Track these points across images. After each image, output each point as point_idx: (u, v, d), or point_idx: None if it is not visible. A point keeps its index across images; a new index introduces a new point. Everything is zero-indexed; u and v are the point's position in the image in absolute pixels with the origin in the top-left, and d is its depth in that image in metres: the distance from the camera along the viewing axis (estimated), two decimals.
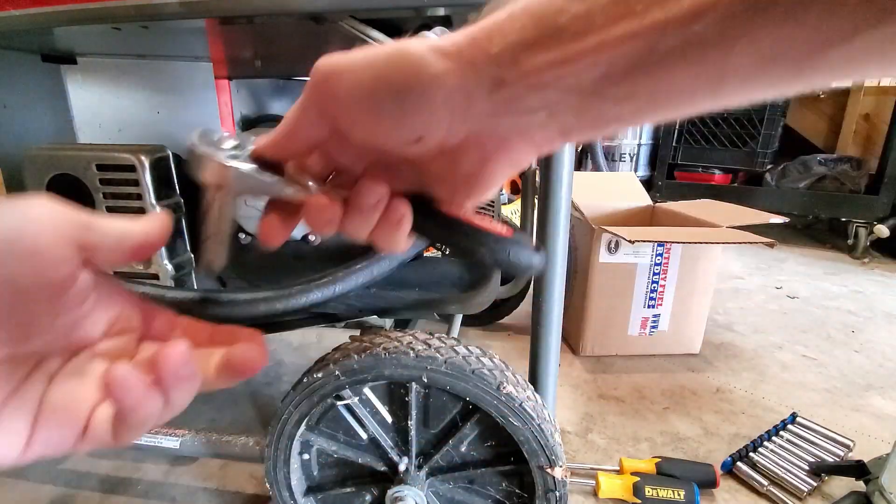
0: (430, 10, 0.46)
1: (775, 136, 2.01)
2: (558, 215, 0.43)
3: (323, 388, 0.47)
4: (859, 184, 1.83)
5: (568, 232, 0.44)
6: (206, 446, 0.60)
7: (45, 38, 0.58)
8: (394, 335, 0.49)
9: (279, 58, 0.85)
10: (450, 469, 0.51)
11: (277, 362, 1.02)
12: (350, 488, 0.54)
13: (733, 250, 1.90)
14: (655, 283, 1.00)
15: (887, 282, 1.58)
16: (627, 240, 0.84)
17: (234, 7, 0.43)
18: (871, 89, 2.03)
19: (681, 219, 1.10)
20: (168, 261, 0.61)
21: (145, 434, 0.61)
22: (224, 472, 0.71)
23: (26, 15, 0.48)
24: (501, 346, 1.10)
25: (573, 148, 0.43)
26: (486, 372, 0.44)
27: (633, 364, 1.03)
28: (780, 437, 0.76)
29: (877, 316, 1.31)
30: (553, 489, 0.45)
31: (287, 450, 0.51)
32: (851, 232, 1.84)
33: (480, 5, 0.43)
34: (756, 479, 0.68)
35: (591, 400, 0.90)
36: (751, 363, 1.04)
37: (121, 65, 0.75)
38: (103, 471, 0.71)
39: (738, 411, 0.87)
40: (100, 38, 0.60)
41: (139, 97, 0.80)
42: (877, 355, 1.08)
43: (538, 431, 0.44)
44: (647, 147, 2.54)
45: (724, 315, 1.30)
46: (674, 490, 0.64)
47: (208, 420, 0.83)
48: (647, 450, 0.77)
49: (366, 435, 0.51)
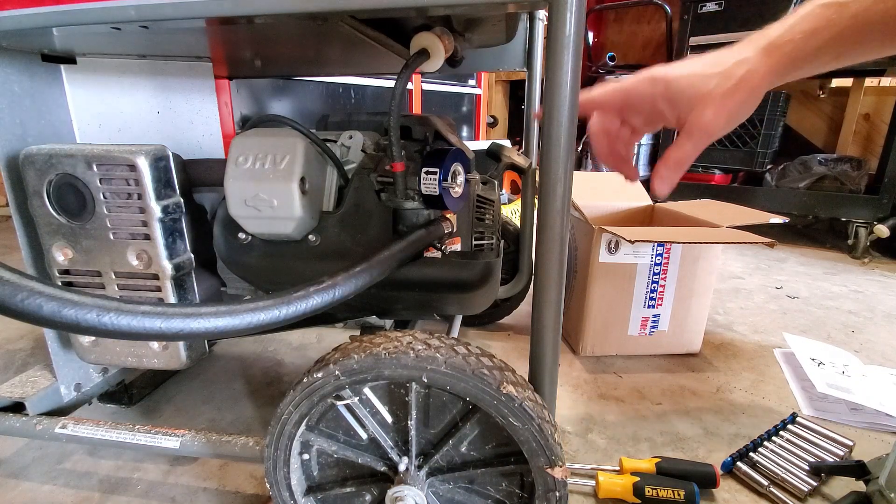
0: (431, 10, 0.46)
1: (775, 136, 2.01)
2: (558, 215, 0.43)
3: (323, 388, 0.47)
4: (859, 184, 1.83)
5: (568, 232, 0.44)
6: (206, 446, 0.60)
7: (45, 38, 0.58)
8: (394, 335, 0.49)
9: (279, 58, 0.85)
10: (450, 469, 0.51)
11: (277, 362, 1.02)
12: (350, 488, 0.54)
13: (733, 250, 1.90)
14: (655, 283, 1.00)
15: (887, 282, 1.58)
16: (627, 240, 0.84)
17: (234, 7, 0.43)
18: (871, 89, 2.03)
19: (681, 219, 1.10)
20: (168, 261, 0.61)
21: (145, 434, 0.62)
22: (224, 472, 0.71)
23: (26, 15, 0.48)
24: (501, 346, 1.10)
25: (573, 147, 0.43)
26: (486, 372, 0.44)
27: (633, 364, 1.03)
28: (780, 437, 0.76)
29: (877, 316, 1.31)
30: (553, 489, 0.45)
31: (287, 450, 0.51)
32: (851, 232, 1.84)
33: (480, 6, 0.43)
34: (756, 479, 0.68)
35: (591, 400, 0.90)
36: (751, 363, 1.04)
37: (121, 65, 0.75)
38: (103, 471, 0.71)
39: (738, 411, 0.87)
40: (100, 38, 0.60)
41: (139, 97, 0.80)
42: (877, 355, 1.08)
43: (538, 431, 0.44)
44: (646, 147, 2.54)
45: (724, 315, 1.30)
46: (674, 490, 0.64)
47: (208, 420, 0.83)
48: (647, 450, 0.77)
49: (366, 435, 0.51)
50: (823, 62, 0.40)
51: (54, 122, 0.67)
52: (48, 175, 0.58)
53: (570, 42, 0.39)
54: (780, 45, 0.40)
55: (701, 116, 0.42)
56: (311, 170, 0.59)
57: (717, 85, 0.41)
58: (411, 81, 2.17)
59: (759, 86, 0.41)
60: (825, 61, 0.40)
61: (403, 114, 0.60)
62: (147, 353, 0.66)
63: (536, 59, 0.96)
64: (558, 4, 0.38)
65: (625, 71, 2.53)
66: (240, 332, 0.39)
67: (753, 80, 0.41)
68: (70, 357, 0.72)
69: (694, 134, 0.43)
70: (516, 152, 0.87)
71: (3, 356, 1.04)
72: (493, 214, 0.81)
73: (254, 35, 0.64)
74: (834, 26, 0.38)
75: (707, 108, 0.42)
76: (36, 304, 0.30)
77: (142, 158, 0.57)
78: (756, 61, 0.41)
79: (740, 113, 0.42)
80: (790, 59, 0.40)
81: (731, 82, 0.41)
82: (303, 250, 0.63)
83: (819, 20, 0.39)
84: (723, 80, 0.41)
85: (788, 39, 0.40)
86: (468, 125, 2.76)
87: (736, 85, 0.41)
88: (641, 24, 2.93)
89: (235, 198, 0.59)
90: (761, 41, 0.41)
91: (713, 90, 0.41)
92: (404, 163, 0.57)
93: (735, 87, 0.41)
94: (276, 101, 1.64)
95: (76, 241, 0.61)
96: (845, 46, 0.39)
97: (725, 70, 0.41)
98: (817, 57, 0.40)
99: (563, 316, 0.48)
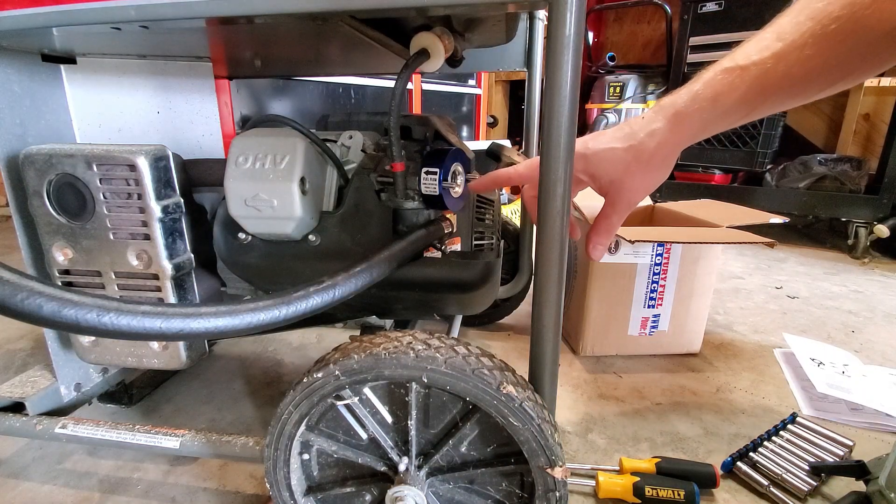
0: (431, 11, 0.46)
1: (775, 135, 2.01)
2: (558, 215, 0.43)
3: (323, 388, 0.47)
4: (859, 184, 1.83)
5: (568, 232, 0.44)
6: (206, 446, 0.60)
7: (45, 38, 0.58)
8: (394, 335, 0.49)
9: (279, 58, 0.85)
10: (450, 469, 0.51)
11: (277, 362, 1.02)
12: (350, 488, 0.54)
13: (733, 250, 1.90)
14: (655, 283, 1.00)
15: (887, 282, 1.58)
16: (627, 240, 0.84)
17: (234, 7, 0.43)
18: (871, 89, 2.03)
19: (681, 219, 1.10)
20: (168, 261, 0.61)
21: (145, 434, 0.62)
22: (224, 472, 0.71)
23: (26, 15, 0.48)
24: (501, 346, 1.10)
25: (573, 147, 0.43)
26: (486, 372, 0.44)
27: (633, 364, 1.03)
28: (780, 437, 0.76)
29: (877, 316, 1.31)
30: (553, 489, 0.45)
31: (287, 450, 0.51)
32: (851, 232, 1.84)
33: (480, 6, 0.43)
34: (756, 479, 0.68)
35: (591, 400, 0.90)
36: (751, 363, 1.04)
37: (121, 65, 0.75)
38: (103, 471, 0.71)
39: (738, 411, 0.87)
40: (100, 38, 0.60)
41: (139, 97, 0.80)
42: (877, 355, 1.08)
43: (538, 431, 0.44)
44: None
45: (724, 315, 1.30)
46: (674, 490, 0.64)
47: (208, 420, 0.83)
48: (647, 450, 0.77)
49: (366, 435, 0.51)
50: (733, 120, 0.42)
51: (54, 122, 0.67)
52: (48, 175, 0.58)
53: (570, 42, 0.39)
54: (689, 115, 0.42)
55: (621, 191, 0.46)
56: (311, 170, 0.59)
57: (633, 159, 0.44)
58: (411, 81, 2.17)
59: (671, 153, 0.44)
60: (734, 119, 0.42)
61: (403, 114, 0.60)
62: (147, 353, 0.66)
63: (536, 59, 0.96)
64: (558, 4, 0.38)
65: (624, 71, 2.53)
66: (240, 332, 0.39)
67: (665, 150, 0.44)
68: (70, 357, 0.72)
69: (617, 205, 0.47)
70: (516, 152, 0.87)
71: (3, 356, 1.04)
72: (493, 214, 0.81)
73: (254, 35, 0.64)
74: (736, 90, 0.40)
75: (625, 181, 0.45)
76: (36, 304, 0.30)
77: (142, 158, 0.57)
78: (666, 131, 0.43)
79: (656, 180, 0.46)
80: (700, 124, 0.42)
81: (645, 156, 0.44)
82: (303, 250, 0.63)
83: (722, 85, 0.40)
84: (637, 153, 0.44)
85: (696, 108, 0.42)
86: (468, 125, 2.76)
87: (650, 158, 0.44)
88: (641, 24, 2.93)
89: (235, 198, 0.59)
90: (669, 110, 0.43)
91: (629, 165, 0.45)
92: (404, 163, 0.57)
93: (649, 160, 0.44)
94: (276, 101, 1.64)
95: (76, 241, 0.61)
96: (752, 106, 0.41)
97: (639, 143, 0.44)
98: (725, 118, 0.42)
99: (563, 316, 0.48)
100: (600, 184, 0.47)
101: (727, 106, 0.41)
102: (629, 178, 0.45)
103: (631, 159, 0.44)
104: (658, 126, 0.43)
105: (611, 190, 0.47)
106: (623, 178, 0.45)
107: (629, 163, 0.45)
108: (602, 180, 0.47)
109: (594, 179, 0.48)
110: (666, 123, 0.43)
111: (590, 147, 0.46)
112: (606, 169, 0.46)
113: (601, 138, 0.47)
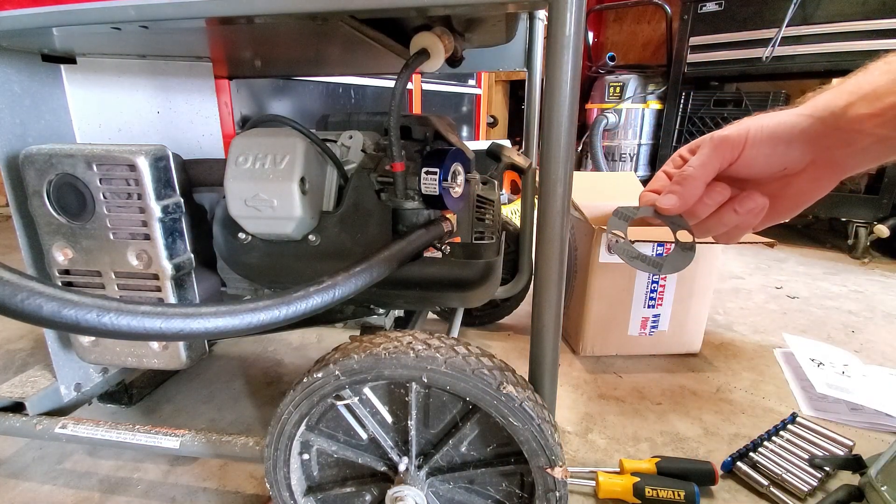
0: (431, 11, 0.46)
1: None
2: (558, 215, 0.43)
3: (323, 388, 0.47)
4: (859, 184, 1.83)
5: (568, 232, 0.44)
6: (206, 446, 0.60)
7: (45, 38, 0.58)
8: (394, 335, 0.49)
9: (279, 58, 0.85)
10: (450, 469, 0.51)
11: (277, 362, 1.02)
12: (350, 488, 0.54)
13: (733, 250, 1.90)
14: (655, 283, 1.00)
15: (887, 282, 1.58)
16: (627, 240, 0.84)
17: (234, 7, 0.43)
18: None
19: None
20: (168, 261, 0.61)
21: (145, 434, 0.62)
22: (224, 472, 0.71)
23: (26, 15, 0.48)
24: (501, 346, 1.10)
25: (573, 147, 0.43)
26: (486, 372, 0.44)
27: (633, 364, 1.03)
28: (780, 437, 0.76)
29: (877, 316, 1.31)
30: (553, 489, 0.45)
31: (287, 450, 0.51)
32: (851, 232, 1.84)
33: (480, 6, 0.43)
34: (756, 479, 0.68)
35: (591, 400, 0.90)
36: (751, 363, 1.04)
37: (121, 65, 0.75)
38: (103, 471, 0.71)
39: (738, 411, 0.87)
40: (100, 38, 0.60)
41: (139, 97, 0.80)
42: (877, 355, 1.08)
43: (538, 431, 0.44)
44: (647, 147, 2.54)
45: (724, 315, 1.30)
46: (674, 490, 0.64)
47: (208, 420, 0.83)
48: (647, 450, 0.77)
49: (366, 435, 0.51)
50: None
51: (54, 122, 0.67)
52: (48, 175, 0.58)
53: (570, 42, 0.39)
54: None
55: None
56: (311, 170, 0.59)
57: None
58: (411, 81, 2.17)
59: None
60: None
61: (403, 114, 0.60)
62: (147, 353, 0.66)
63: (536, 59, 0.96)
64: (558, 4, 0.38)
65: (624, 71, 2.53)
66: (240, 332, 0.39)
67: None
68: (70, 357, 0.72)
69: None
70: (516, 152, 0.87)
71: (3, 356, 1.04)
72: (493, 214, 0.81)
73: (254, 35, 0.64)
74: None
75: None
76: (36, 305, 0.30)
77: (142, 158, 0.57)
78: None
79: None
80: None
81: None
82: (303, 250, 0.63)
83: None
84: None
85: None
86: (468, 125, 2.77)
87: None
88: (641, 24, 2.93)
89: (235, 198, 0.59)
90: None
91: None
92: (404, 163, 0.57)
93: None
94: (276, 101, 1.64)
95: (76, 241, 0.61)
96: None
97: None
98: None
99: (563, 316, 0.48)
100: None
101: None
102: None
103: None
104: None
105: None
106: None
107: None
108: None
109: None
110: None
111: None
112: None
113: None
